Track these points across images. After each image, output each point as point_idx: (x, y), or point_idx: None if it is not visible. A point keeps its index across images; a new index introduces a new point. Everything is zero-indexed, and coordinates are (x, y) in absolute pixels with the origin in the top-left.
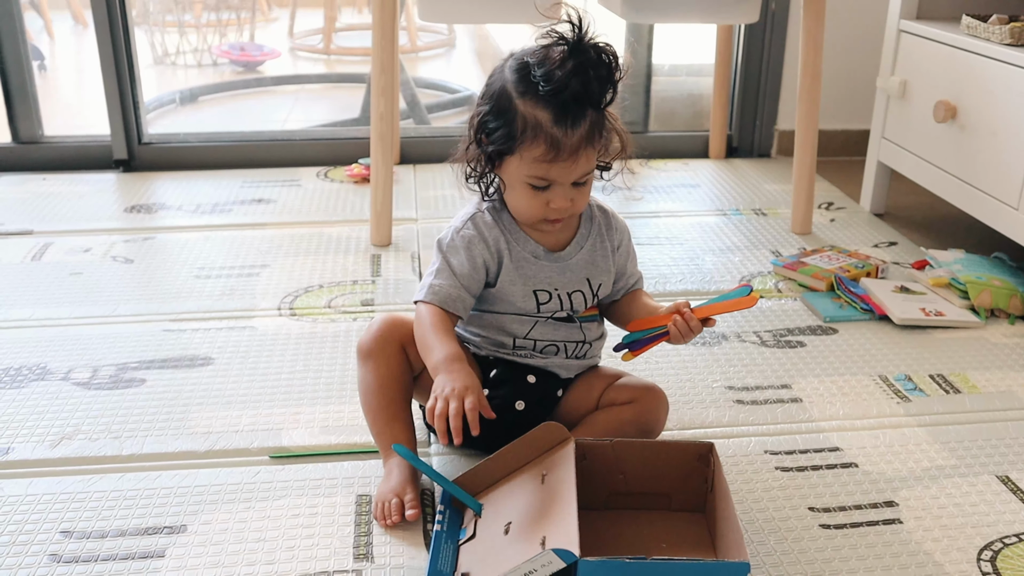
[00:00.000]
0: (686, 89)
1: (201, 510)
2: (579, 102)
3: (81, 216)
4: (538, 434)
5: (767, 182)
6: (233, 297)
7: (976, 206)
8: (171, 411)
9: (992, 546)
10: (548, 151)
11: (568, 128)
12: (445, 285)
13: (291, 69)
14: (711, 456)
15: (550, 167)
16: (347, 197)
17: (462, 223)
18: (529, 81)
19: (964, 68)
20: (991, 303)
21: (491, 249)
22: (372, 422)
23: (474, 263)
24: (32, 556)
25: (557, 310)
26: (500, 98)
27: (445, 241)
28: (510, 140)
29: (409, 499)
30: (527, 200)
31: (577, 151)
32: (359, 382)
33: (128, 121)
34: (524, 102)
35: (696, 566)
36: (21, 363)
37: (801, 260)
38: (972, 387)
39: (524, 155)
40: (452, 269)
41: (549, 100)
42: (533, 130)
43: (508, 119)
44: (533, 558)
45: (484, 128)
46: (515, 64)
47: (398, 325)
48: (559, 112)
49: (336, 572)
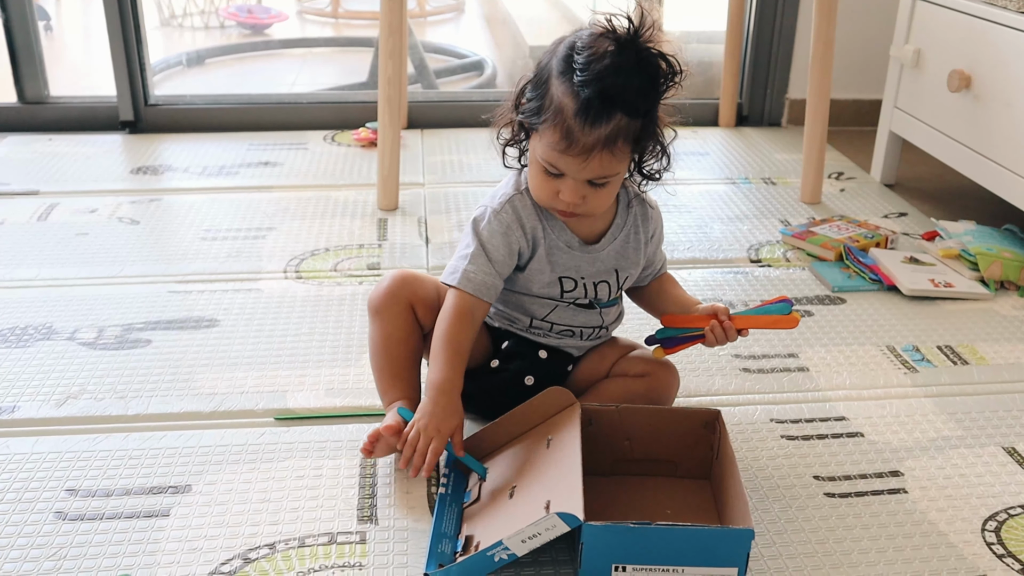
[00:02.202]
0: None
1: (206, 470)
2: (607, 102)
3: (87, 177)
4: (543, 399)
5: (777, 151)
6: (239, 259)
7: (988, 177)
8: (176, 372)
9: (997, 517)
10: (561, 140)
11: (587, 124)
12: (480, 272)
13: (298, 32)
14: (717, 423)
15: (560, 156)
16: (354, 161)
17: (500, 205)
18: (570, 64)
19: (980, 37)
20: (1001, 275)
21: (528, 236)
22: (377, 379)
23: (510, 249)
24: (38, 513)
25: (580, 298)
26: (543, 71)
27: (482, 223)
28: (536, 116)
29: (388, 419)
30: (538, 182)
31: (591, 150)
32: (369, 337)
33: (134, 82)
34: (558, 83)
35: (700, 532)
36: (27, 322)
37: (810, 230)
38: (980, 358)
39: (543, 136)
40: (488, 255)
41: (579, 89)
42: (555, 113)
43: (540, 94)
44: (537, 522)
45: (523, 95)
46: (569, 42)
47: (408, 282)
48: (583, 105)
49: (340, 533)
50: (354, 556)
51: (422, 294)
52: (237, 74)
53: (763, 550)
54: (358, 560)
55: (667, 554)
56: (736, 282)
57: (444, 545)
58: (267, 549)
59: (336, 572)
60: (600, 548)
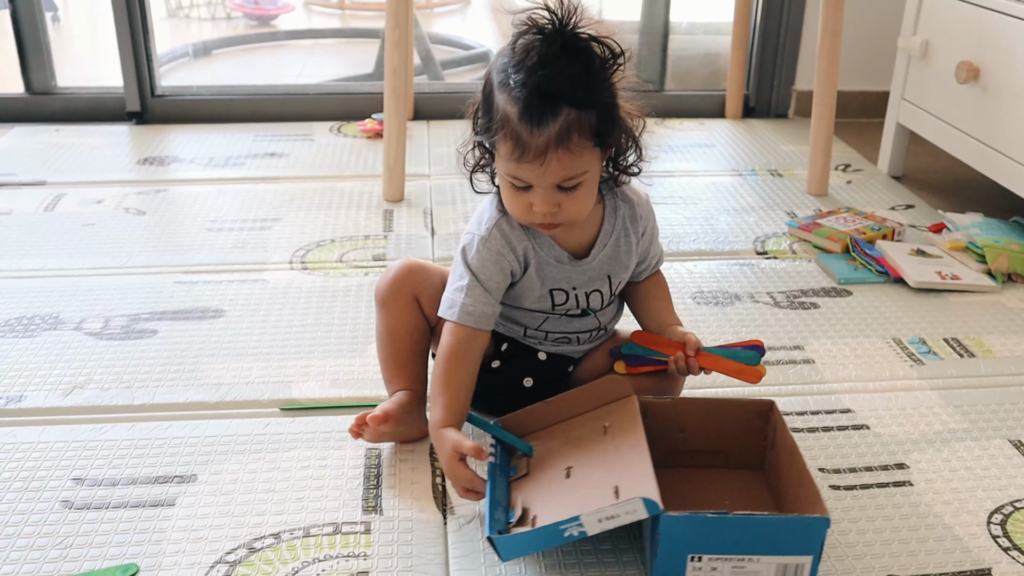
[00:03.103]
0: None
1: (211, 460)
2: (546, 98)
3: (94, 168)
4: (598, 387)
5: (784, 143)
6: (245, 250)
7: (996, 169)
8: (182, 362)
9: (1002, 510)
10: (514, 149)
11: (534, 126)
12: (478, 304)
13: (305, 23)
14: (771, 413)
15: (518, 166)
16: (360, 152)
17: (488, 232)
18: (506, 71)
19: (988, 28)
20: (1008, 267)
21: (519, 258)
22: (383, 369)
23: (504, 275)
24: (44, 502)
25: (572, 308)
26: (485, 86)
27: (471, 254)
28: (488, 132)
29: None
30: (510, 199)
31: (545, 152)
32: (375, 327)
33: (141, 73)
34: (499, 93)
35: (777, 521)
36: (34, 312)
37: (816, 222)
38: (987, 351)
39: (499, 151)
40: (483, 286)
41: (517, 93)
42: (502, 124)
43: (487, 108)
44: (618, 503)
45: (476, 116)
46: (504, 51)
47: (414, 273)
48: (524, 107)
49: (345, 524)
50: (359, 546)
51: (427, 286)
52: (244, 65)
53: None
54: (363, 550)
55: (743, 544)
56: (742, 274)
57: (499, 514)
58: (272, 539)
59: (341, 562)
60: (677, 538)
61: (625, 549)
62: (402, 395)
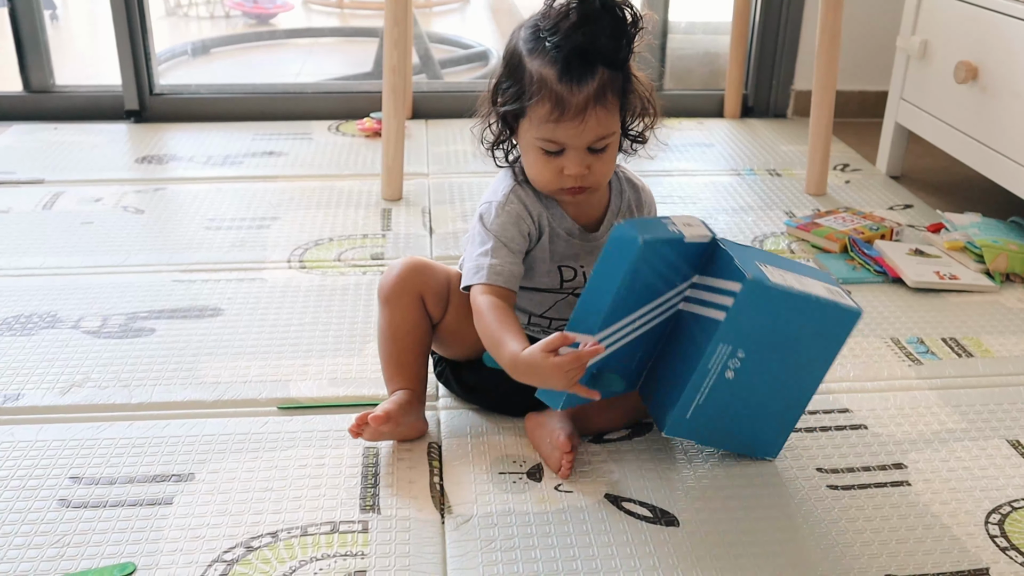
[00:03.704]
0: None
1: (209, 459)
2: (585, 57)
3: (92, 166)
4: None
5: (782, 142)
6: (243, 249)
7: (995, 169)
8: (180, 361)
9: (1000, 510)
10: (553, 109)
11: (574, 84)
12: (506, 264)
13: (304, 22)
14: None
15: (556, 127)
16: (358, 151)
17: (505, 197)
18: (538, 38)
19: (987, 28)
20: (1007, 267)
21: (536, 224)
22: (383, 366)
23: (523, 237)
24: (42, 501)
25: (580, 287)
26: (511, 57)
27: (491, 217)
28: (520, 99)
29: (381, 407)
30: (540, 166)
31: (584, 110)
32: (377, 324)
33: (140, 72)
34: (532, 59)
35: (819, 302)
36: (32, 311)
37: (815, 221)
38: (985, 351)
39: (532, 115)
40: (507, 247)
41: (555, 55)
42: (539, 87)
43: (517, 77)
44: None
45: (497, 91)
46: (528, 23)
47: (419, 271)
48: (564, 67)
49: (343, 523)
50: (356, 545)
51: (432, 284)
52: (242, 64)
53: (765, 542)
54: (360, 549)
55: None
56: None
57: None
58: (270, 538)
59: (338, 561)
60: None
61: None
62: (402, 395)
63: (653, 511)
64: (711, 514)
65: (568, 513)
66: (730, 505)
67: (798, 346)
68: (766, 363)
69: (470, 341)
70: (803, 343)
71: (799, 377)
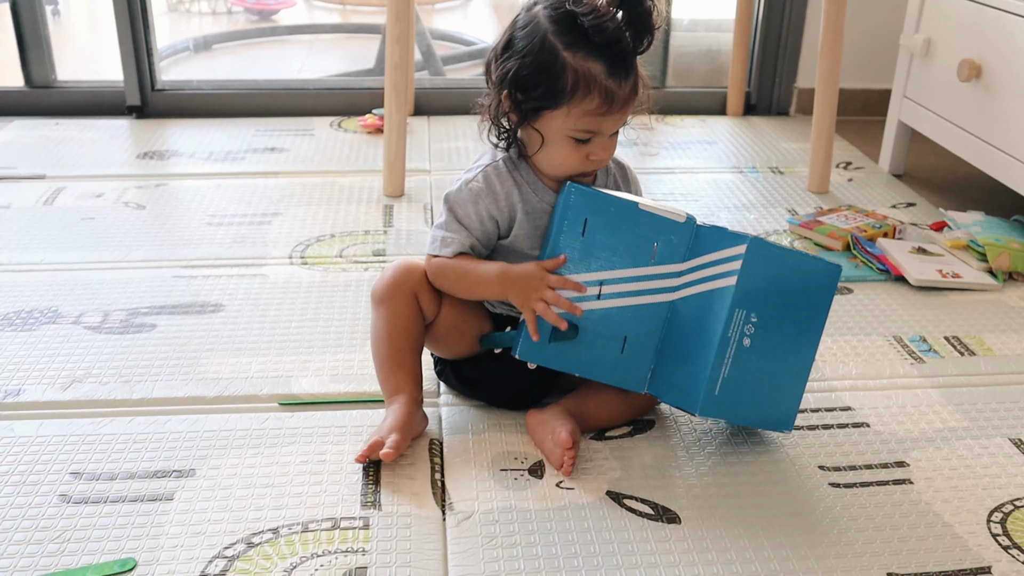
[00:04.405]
0: (705, 45)
1: (210, 455)
2: (629, 55)
3: (94, 161)
4: None
5: (785, 140)
6: (244, 245)
7: (998, 168)
8: (181, 356)
9: (1002, 508)
10: (602, 104)
11: (622, 80)
12: (458, 237)
13: (306, 18)
14: None
15: (602, 120)
16: (360, 147)
17: (472, 175)
18: (576, 31)
19: (990, 26)
20: (1009, 266)
21: (500, 203)
22: (379, 368)
23: (480, 216)
24: (42, 496)
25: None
26: (542, 51)
27: (452, 193)
28: (557, 95)
29: (391, 440)
30: (567, 153)
31: (627, 103)
32: (371, 327)
33: (141, 67)
34: (574, 54)
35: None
36: (33, 306)
37: (817, 219)
38: (987, 349)
39: (573, 109)
40: (460, 221)
41: (603, 51)
42: (586, 83)
43: (555, 73)
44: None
45: (520, 83)
46: (553, 13)
47: (411, 271)
48: (613, 64)
49: (343, 519)
50: (357, 541)
51: (425, 282)
52: (244, 60)
53: (767, 541)
54: (361, 546)
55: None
56: None
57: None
58: (270, 534)
59: (339, 557)
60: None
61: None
62: (402, 408)
63: (654, 508)
64: (712, 512)
65: (569, 510)
66: (731, 503)
67: (796, 306)
68: (774, 326)
69: (469, 337)
70: (799, 303)
71: (799, 343)
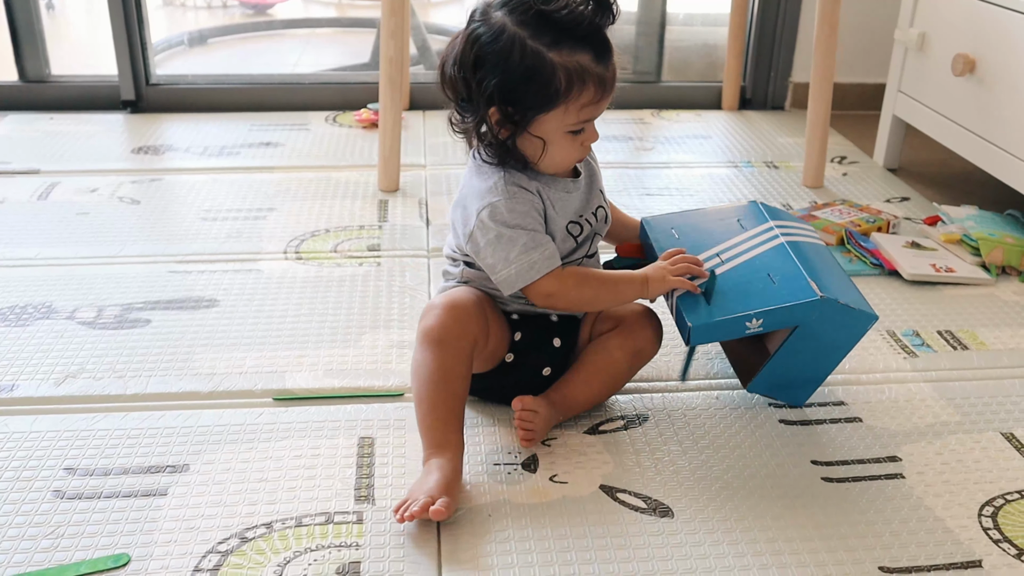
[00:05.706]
0: (700, 39)
1: (204, 450)
2: (603, 31)
3: (88, 156)
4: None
5: (780, 135)
6: (239, 240)
7: (992, 162)
8: (175, 351)
9: (994, 502)
10: (597, 92)
11: (608, 62)
12: (544, 244)
13: (302, 13)
14: None
15: (597, 107)
16: (355, 142)
17: (506, 191)
18: (554, 29)
19: (985, 20)
20: (1003, 260)
21: (535, 200)
22: (427, 412)
23: (540, 215)
24: (36, 492)
25: (588, 235)
26: (525, 57)
27: (504, 215)
28: (551, 97)
29: (442, 502)
30: (568, 148)
31: (615, 79)
32: (418, 365)
33: (136, 62)
34: (560, 52)
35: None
36: (27, 301)
37: (812, 214)
38: (980, 344)
39: (571, 105)
40: (525, 228)
41: (586, 40)
42: (580, 77)
43: (545, 76)
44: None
45: (509, 95)
46: (523, 17)
47: (473, 315)
48: (597, 49)
49: (337, 513)
50: (351, 536)
51: (483, 325)
52: (239, 54)
53: (760, 534)
54: (355, 540)
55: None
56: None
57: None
58: (264, 528)
59: (333, 552)
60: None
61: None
62: (448, 463)
63: (648, 502)
64: (705, 505)
65: (563, 504)
66: (724, 496)
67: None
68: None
69: (498, 356)
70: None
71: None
